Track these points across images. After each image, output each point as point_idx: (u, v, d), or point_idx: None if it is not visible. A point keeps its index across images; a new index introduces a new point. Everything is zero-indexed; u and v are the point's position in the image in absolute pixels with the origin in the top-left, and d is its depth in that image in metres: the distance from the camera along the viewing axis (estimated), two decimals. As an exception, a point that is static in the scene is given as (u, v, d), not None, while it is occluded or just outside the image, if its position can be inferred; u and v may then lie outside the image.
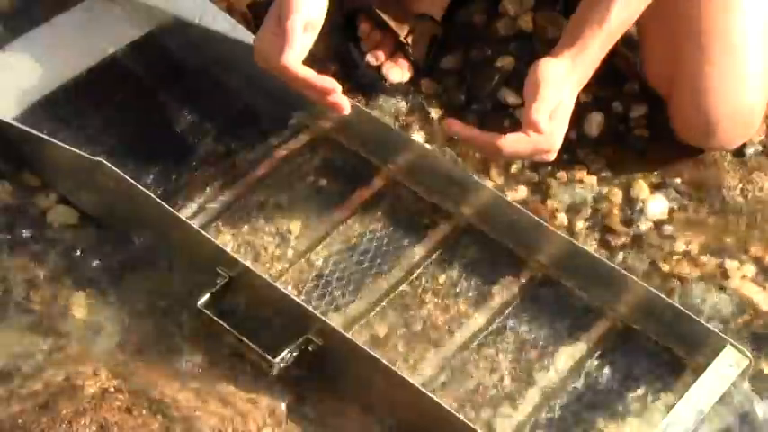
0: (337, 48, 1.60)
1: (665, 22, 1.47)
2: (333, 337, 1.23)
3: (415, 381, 1.24)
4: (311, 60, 1.57)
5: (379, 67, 1.57)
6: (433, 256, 1.39)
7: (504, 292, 1.36)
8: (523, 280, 1.37)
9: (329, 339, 1.23)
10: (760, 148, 1.55)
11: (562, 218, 1.45)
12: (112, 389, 1.20)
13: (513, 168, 1.50)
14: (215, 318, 1.26)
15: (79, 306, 1.31)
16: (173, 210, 1.33)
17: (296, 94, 1.48)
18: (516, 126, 1.53)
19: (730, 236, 1.45)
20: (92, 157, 1.33)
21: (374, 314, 1.33)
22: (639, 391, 1.29)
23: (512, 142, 1.29)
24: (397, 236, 1.40)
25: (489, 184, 1.45)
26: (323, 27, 1.62)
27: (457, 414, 1.19)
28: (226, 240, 1.37)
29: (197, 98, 1.51)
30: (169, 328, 1.29)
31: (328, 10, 1.36)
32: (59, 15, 1.54)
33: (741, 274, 1.41)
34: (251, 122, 1.50)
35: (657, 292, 1.31)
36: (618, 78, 1.60)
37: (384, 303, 1.34)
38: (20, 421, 1.17)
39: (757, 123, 1.51)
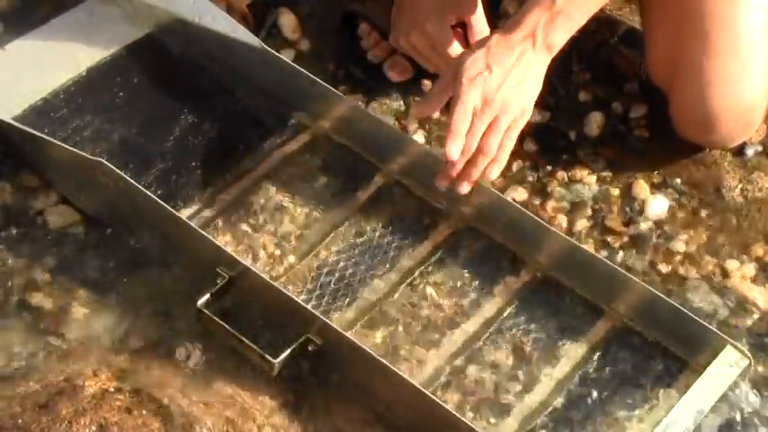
0: (337, 47, 1.60)
1: (670, 14, 1.47)
2: (333, 337, 1.23)
3: (416, 381, 1.24)
4: (310, 61, 1.58)
5: (379, 66, 1.57)
6: (434, 256, 1.39)
7: (504, 291, 1.36)
8: (523, 280, 1.37)
9: (329, 339, 1.23)
10: (760, 148, 1.55)
11: (562, 218, 1.45)
12: (112, 389, 1.20)
13: (514, 168, 1.50)
14: (215, 318, 1.26)
15: (79, 306, 1.31)
16: (173, 210, 1.33)
17: (296, 94, 1.49)
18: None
19: (730, 236, 1.45)
20: (92, 157, 1.33)
21: (374, 314, 1.33)
22: (640, 391, 1.29)
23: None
24: (397, 236, 1.40)
25: (489, 184, 1.45)
26: (322, 27, 1.64)
27: (457, 414, 1.19)
28: (226, 240, 1.37)
29: (197, 98, 1.51)
30: (169, 328, 1.29)
31: (329, 9, 1.36)
32: (60, 16, 1.54)
33: (741, 274, 1.41)
34: (251, 122, 1.50)
35: (657, 292, 1.31)
36: (618, 78, 1.60)
37: (384, 303, 1.34)
38: (20, 421, 1.17)
39: (758, 121, 1.51)
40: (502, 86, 1.32)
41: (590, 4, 1.34)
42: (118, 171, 1.32)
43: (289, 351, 1.23)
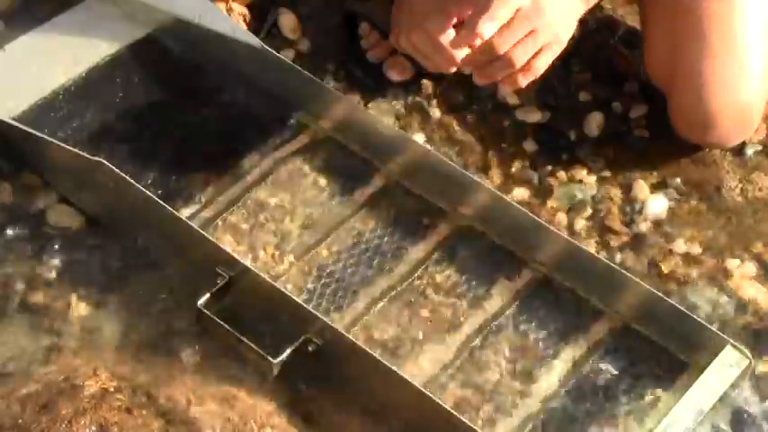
0: (337, 47, 1.60)
1: (668, 15, 1.47)
2: (333, 337, 1.23)
3: (416, 381, 1.24)
4: (310, 61, 1.58)
5: (379, 66, 1.57)
6: (433, 257, 1.39)
7: (503, 291, 1.36)
8: (523, 280, 1.37)
9: (329, 339, 1.23)
10: (760, 148, 1.55)
11: (562, 218, 1.45)
12: (112, 389, 1.20)
13: (513, 168, 1.50)
14: (215, 318, 1.26)
15: (79, 306, 1.31)
16: (173, 210, 1.33)
17: (296, 94, 1.49)
18: (516, 127, 1.54)
19: (730, 235, 1.45)
20: (92, 157, 1.33)
21: (374, 314, 1.33)
22: (639, 391, 1.29)
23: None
24: (397, 236, 1.40)
25: (489, 184, 1.45)
26: (322, 27, 1.63)
27: (457, 414, 1.19)
28: (226, 240, 1.37)
29: (197, 98, 1.51)
30: (169, 328, 1.29)
31: (329, 9, 1.36)
32: (59, 15, 1.54)
33: (741, 274, 1.41)
34: (251, 122, 1.50)
35: (657, 292, 1.31)
36: (618, 78, 1.60)
37: (384, 303, 1.34)
38: (20, 421, 1.17)
39: (756, 121, 1.51)
40: (550, 3, 1.30)
41: None
42: (118, 171, 1.32)
43: (288, 351, 1.23)
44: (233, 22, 1.52)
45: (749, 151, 1.54)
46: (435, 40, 1.43)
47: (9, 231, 1.36)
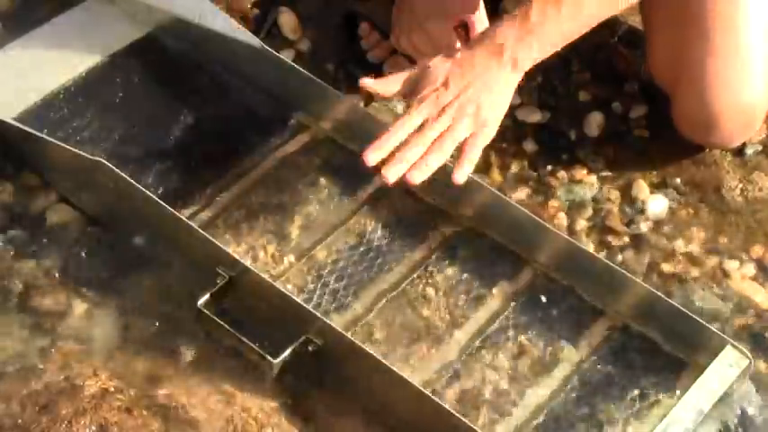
0: (337, 47, 1.60)
1: (672, 15, 1.47)
2: (333, 337, 1.23)
3: (416, 381, 1.24)
4: (310, 61, 1.58)
5: (379, 66, 1.57)
6: (434, 257, 1.39)
7: (504, 292, 1.36)
8: (523, 280, 1.37)
9: (329, 339, 1.23)
10: (760, 148, 1.55)
11: (562, 218, 1.45)
12: (112, 389, 1.20)
13: (514, 168, 1.50)
14: (215, 318, 1.26)
15: (79, 306, 1.31)
16: (173, 210, 1.33)
17: (296, 94, 1.49)
18: (516, 127, 1.54)
19: (730, 236, 1.45)
20: (92, 157, 1.33)
21: (374, 314, 1.33)
22: (639, 391, 1.29)
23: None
24: (397, 236, 1.40)
25: (489, 184, 1.45)
26: (322, 27, 1.63)
27: (457, 414, 1.19)
28: (226, 240, 1.37)
29: (197, 98, 1.51)
30: (169, 328, 1.29)
31: (329, 9, 1.36)
32: (59, 15, 1.54)
33: (741, 274, 1.41)
34: (251, 122, 1.50)
35: (657, 292, 1.31)
36: (618, 78, 1.60)
37: (384, 303, 1.34)
38: (20, 421, 1.17)
39: (759, 121, 1.51)
40: (458, 99, 1.27)
41: (567, 26, 1.29)
42: (118, 171, 1.32)
43: (288, 351, 1.23)
44: (233, 22, 1.52)
45: (749, 151, 1.54)
46: (435, 40, 1.43)
47: (9, 231, 1.36)
